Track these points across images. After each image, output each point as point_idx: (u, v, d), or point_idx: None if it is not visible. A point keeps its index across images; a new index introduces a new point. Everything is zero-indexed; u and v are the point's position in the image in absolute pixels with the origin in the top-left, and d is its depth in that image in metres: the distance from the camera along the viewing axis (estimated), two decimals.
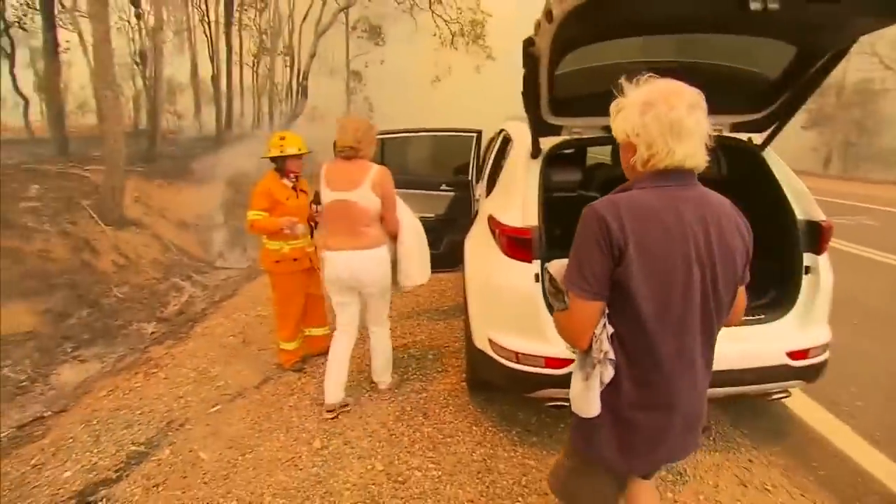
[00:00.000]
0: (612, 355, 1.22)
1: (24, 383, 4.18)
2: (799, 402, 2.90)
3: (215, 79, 13.53)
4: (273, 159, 3.20)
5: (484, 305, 2.49)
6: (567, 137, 2.50)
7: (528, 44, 1.88)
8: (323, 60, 22.77)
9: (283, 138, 3.22)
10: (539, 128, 2.37)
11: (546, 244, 2.28)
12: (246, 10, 15.54)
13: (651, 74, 1.25)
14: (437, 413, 2.91)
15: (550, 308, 2.23)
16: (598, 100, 2.35)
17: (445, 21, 19.48)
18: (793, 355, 2.20)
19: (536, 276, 2.23)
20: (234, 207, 9.90)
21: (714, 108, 2.19)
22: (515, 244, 2.26)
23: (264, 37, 17.05)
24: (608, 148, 3.21)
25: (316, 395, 3.12)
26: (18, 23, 12.04)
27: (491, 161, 3.98)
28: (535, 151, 2.47)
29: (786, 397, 2.43)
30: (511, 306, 2.29)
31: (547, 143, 2.51)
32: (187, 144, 13.38)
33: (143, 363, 3.76)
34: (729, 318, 1.30)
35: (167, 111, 14.11)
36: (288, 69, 17.97)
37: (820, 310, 2.27)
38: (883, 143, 22.02)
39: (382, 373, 3.14)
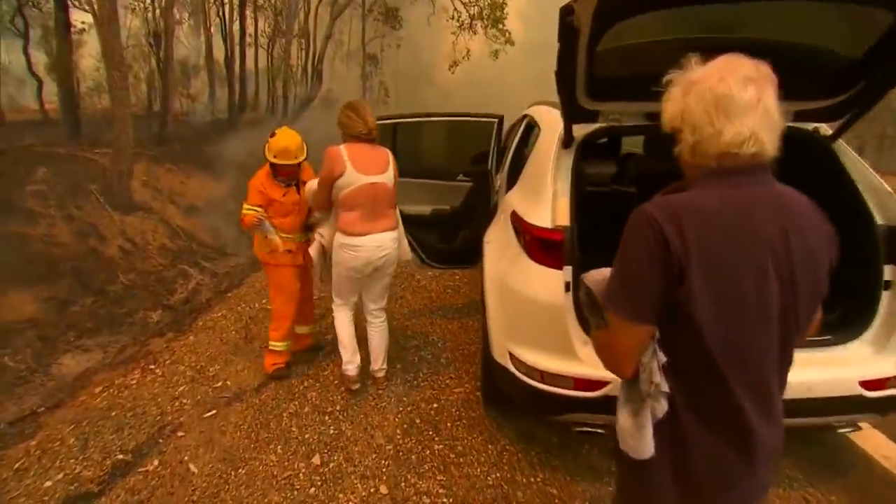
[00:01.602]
0: (665, 387, 1.00)
1: (23, 373, 4.04)
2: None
3: (228, 60, 13.28)
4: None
5: (505, 315, 2.21)
6: (604, 125, 2.19)
7: (566, 13, 1.57)
8: (338, 44, 22.40)
9: (273, 134, 2.99)
10: (573, 113, 2.05)
11: (578, 248, 1.98)
12: None
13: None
14: (449, 428, 2.66)
15: (585, 323, 1.96)
16: (641, 82, 2.04)
17: (464, 3, 18.89)
18: (867, 385, 1.88)
19: (567, 284, 1.94)
20: (245, 193, 9.73)
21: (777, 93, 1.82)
22: (544, 248, 1.97)
23: (279, 18, 16.72)
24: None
25: (318, 403, 2.89)
26: (32, 2, 11.90)
27: (512, 150, 3.67)
28: (568, 140, 2.16)
29: (854, 431, 2.12)
30: (536, 318, 2.01)
31: (580, 130, 2.20)
32: (199, 128, 13.20)
33: (143, 357, 3.58)
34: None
35: (180, 94, 13.94)
36: (303, 52, 17.64)
37: None
38: None
39: (384, 359, 3.08)
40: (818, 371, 1.86)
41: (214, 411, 2.84)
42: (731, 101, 0.92)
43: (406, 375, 3.18)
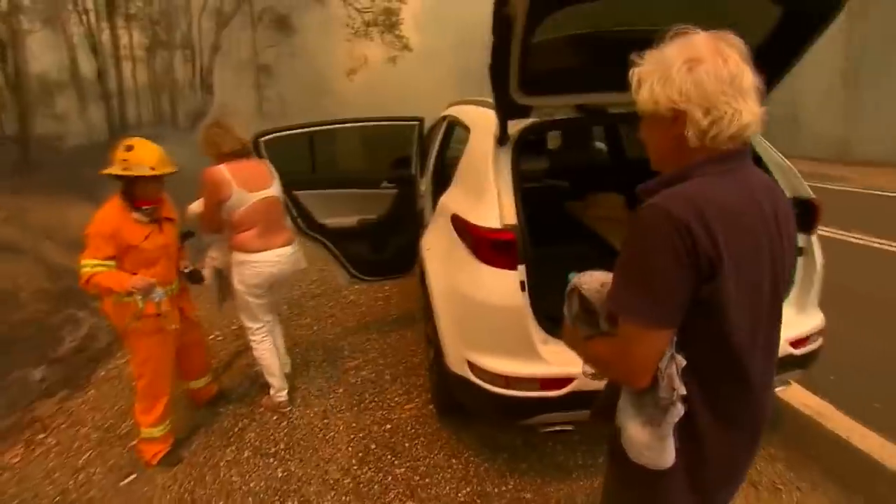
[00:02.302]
0: (683, 391, 0.94)
1: None
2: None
3: (102, 76, 11.86)
4: (118, 180, 2.22)
5: (459, 323, 2.12)
6: (537, 120, 2.18)
7: (501, 4, 1.52)
8: (228, 55, 21.06)
9: (129, 148, 2.20)
10: (507, 109, 2.02)
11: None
12: None
13: (680, 30, 0.95)
14: (407, 448, 2.51)
15: (546, 322, 1.93)
16: (572, 75, 2.08)
17: (358, 10, 18.67)
18: (794, 344, 2.05)
19: (522, 284, 1.89)
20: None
21: None
22: (495, 249, 1.91)
23: (157, 28, 15.30)
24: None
25: (259, 444, 2.60)
26: None
27: (435, 153, 3.60)
28: (504, 137, 2.13)
29: (785, 388, 2.30)
30: (495, 323, 1.94)
31: (512, 127, 2.17)
32: (74, 152, 11.66)
33: (27, 426, 3.00)
34: None
35: (43, 114, 12.16)
36: (189, 64, 16.28)
37: (814, 293, 2.14)
38: None
39: (287, 363, 3.10)
40: None
41: (134, 475, 2.44)
42: (743, 80, 0.89)
43: (351, 399, 2.98)
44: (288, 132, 3.12)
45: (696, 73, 0.89)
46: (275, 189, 2.69)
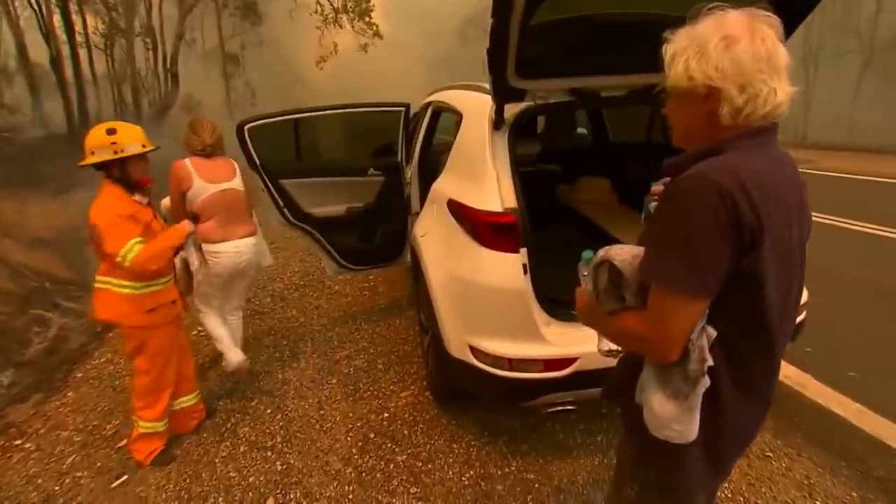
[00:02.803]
0: (711, 362, 0.95)
1: None
2: None
3: (57, 64, 11.21)
4: (108, 166, 2.14)
5: (461, 308, 2.11)
6: (531, 103, 2.18)
7: None
8: (193, 44, 20.27)
9: (112, 131, 2.14)
10: (504, 93, 2.01)
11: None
12: None
13: (715, 6, 0.95)
14: (407, 435, 2.51)
15: (547, 303, 1.95)
16: (566, 58, 2.08)
17: None
18: None
19: (525, 266, 1.90)
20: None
21: None
22: (497, 233, 1.91)
23: (114, 14, 14.55)
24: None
25: (255, 438, 2.56)
26: None
27: (421, 139, 3.57)
28: (499, 121, 2.12)
29: None
30: (498, 306, 1.94)
31: (508, 111, 2.16)
32: (30, 145, 11.04)
33: (0, 433, 2.86)
34: None
35: None
36: (151, 53, 15.57)
37: None
38: None
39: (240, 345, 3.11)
40: None
41: (125, 476, 2.37)
42: (779, 59, 0.90)
43: (345, 389, 2.96)
44: (272, 119, 3.04)
45: (734, 51, 0.89)
46: (236, 182, 2.80)
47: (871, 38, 20.88)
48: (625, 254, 1.01)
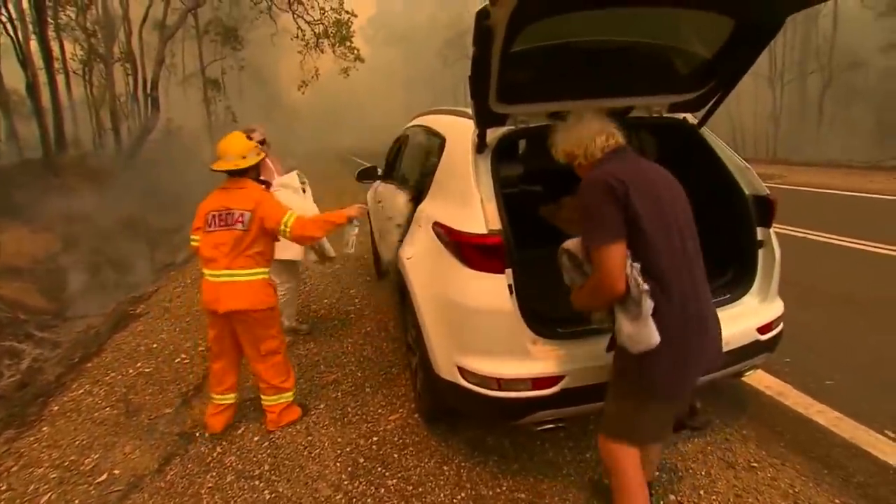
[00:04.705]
0: (645, 287, 1.49)
1: None
2: None
3: (33, 89, 11.08)
4: (253, 167, 2.70)
5: (448, 329, 2.13)
6: (513, 127, 2.25)
7: (483, 17, 1.58)
8: (173, 69, 20.27)
9: (251, 137, 2.87)
10: (486, 118, 2.08)
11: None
12: (63, 6, 12.91)
13: None
14: (396, 459, 2.49)
15: (533, 323, 1.98)
16: (546, 83, 2.17)
17: (308, 22, 18.45)
18: (761, 329, 2.19)
19: (510, 287, 1.94)
20: (82, 242, 8.21)
21: (654, 89, 2.16)
22: (483, 254, 1.95)
23: (93, 40, 14.49)
24: None
25: (242, 467, 2.51)
26: None
27: (403, 164, 3.63)
28: (482, 145, 2.18)
29: (753, 372, 2.46)
30: (485, 327, 1.97)
31: (490, 135, 2.23)
32: (4, 171, 10.84)
33: None
34: None
35: None
36: (131, 78, 15.49)
37: (774, 283, 2.31)
38: None
39: None
40: (728, 327, 2.10)
41: None
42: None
43: (333, 414, 2.92)
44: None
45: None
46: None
47: (829, 59, 21.93)
48: (573, 242, 1.66)
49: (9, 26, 11.87)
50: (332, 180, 11.68)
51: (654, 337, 1.48)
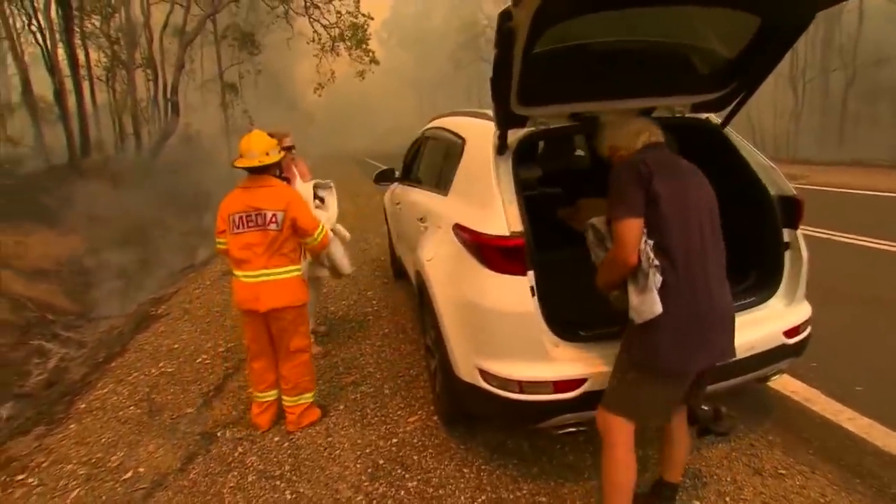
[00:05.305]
0: (656, 262, 1.60)
1: None
2: None
3: (60, 96, 11.39)
4: (275, 164, 2.74)
5: (469, 331, 2.13)
6: (533, 129, 2.24)
7: (506, 18, 1.57)
8: (192, 74, 20.63)
9: (272, 135, 2.78)
10: (507, 120, 2.07)
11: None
12: (88, 15, 13.28)
13: None
14: (416, 461, 2.49)
15: (555, 326, 1.97)
16: (565, 85, 2.16)
17: (324, 26, 18.65)
18: (788, 333, 2.15)
19: (532, 289, 1.93)
20: (105, 245, 8.40)
21: (676, 89, 2.14)
22: (505, 256, 1.94)
23: (116, 47, 14.84)
24: None
25: (263, 467, 2.53)
26: None
27: (420, 166, 3.63)
28: (503, 147, 2.17)
29: (779, 377, 2.41)
30: (507, 330, 1.96)
31: (510, 136, 2.22)
32: (30, 177, 11.13)
33: (1, 468, 2.82)
34: None
35: None
36: (151, 83, 15.83)
37: (802, 285, 2.26)
38: None
39: None
40: (754, 330, 2.08)
41: None
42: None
43: (352, 416, 2.94)
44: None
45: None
46: None
47: (853, 55, 21.41)
48: (599, 219, 1.81)
49: (38, 35, 12.22)
50: (347, 182, 11.77)
51: (657, 307, 1.57)
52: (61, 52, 12.39)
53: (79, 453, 2.83)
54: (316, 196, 3.44)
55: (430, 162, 3.49)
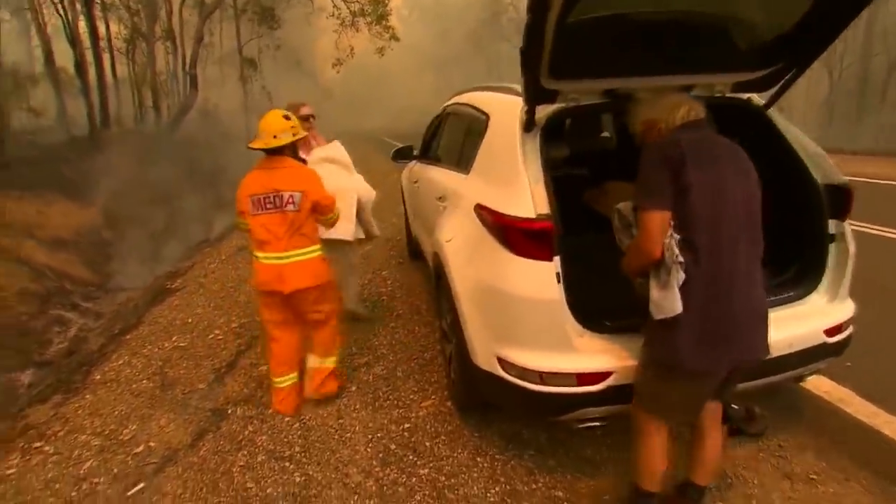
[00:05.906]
0: (681, 258, 1.51)
1: None
2: None
3: (81, 68, 11.41)
4: (288, 145, 2.61)
5: (489, 317, 2.03)
6: (563, 105, 2.09)
7: None
8: (211, 48, 20.54)
9: (288, 117, 2.61)
10: (536, 94, 1.93)
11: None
12: None
13: None
14: (429, 447, 2.43)
15: (580, 314, 1.87)
16: (599, 58, 2.00)
17: (344, 1, 18.32)
18: (829, 332, 2.01)
19: (558, 276, 1.82)
20: (123, 217, 8.47)
21: (717, 66, 1.95)
22: (530, 240, 1.83)
23: (136, 19, 14.78)
24: None
25: (273, 448, 2.50)
26: None
27: (441, 144, 3.50)
28: (531, 123, 2.04)
29: (812, 376, 2.27)
30: (529, 317, 1.86)
31: (538, 113, 2.08)
32: (52, 147, 11.23)
33: (20, 434, 2.85)
34: None
35: (18, 107, 11.63)
36: (171, 57, 15.78)
37: (846, 281, 2.10)
38: None
39: None
40: (793, 327, 1.94)
41: (142, 484, 2.32)
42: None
43: (364, 398, 2.88)
44: None
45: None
46: None
47: None
48: (626, 204, 1.72)
49: (59, 7, 12.20)
50: (364, 160, 11.66)
51: (677, 306, 1.50)
52: (82, 24, 12.38)
53: (93, 424, 2.84)
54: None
55: (451, 139, 3.36)
